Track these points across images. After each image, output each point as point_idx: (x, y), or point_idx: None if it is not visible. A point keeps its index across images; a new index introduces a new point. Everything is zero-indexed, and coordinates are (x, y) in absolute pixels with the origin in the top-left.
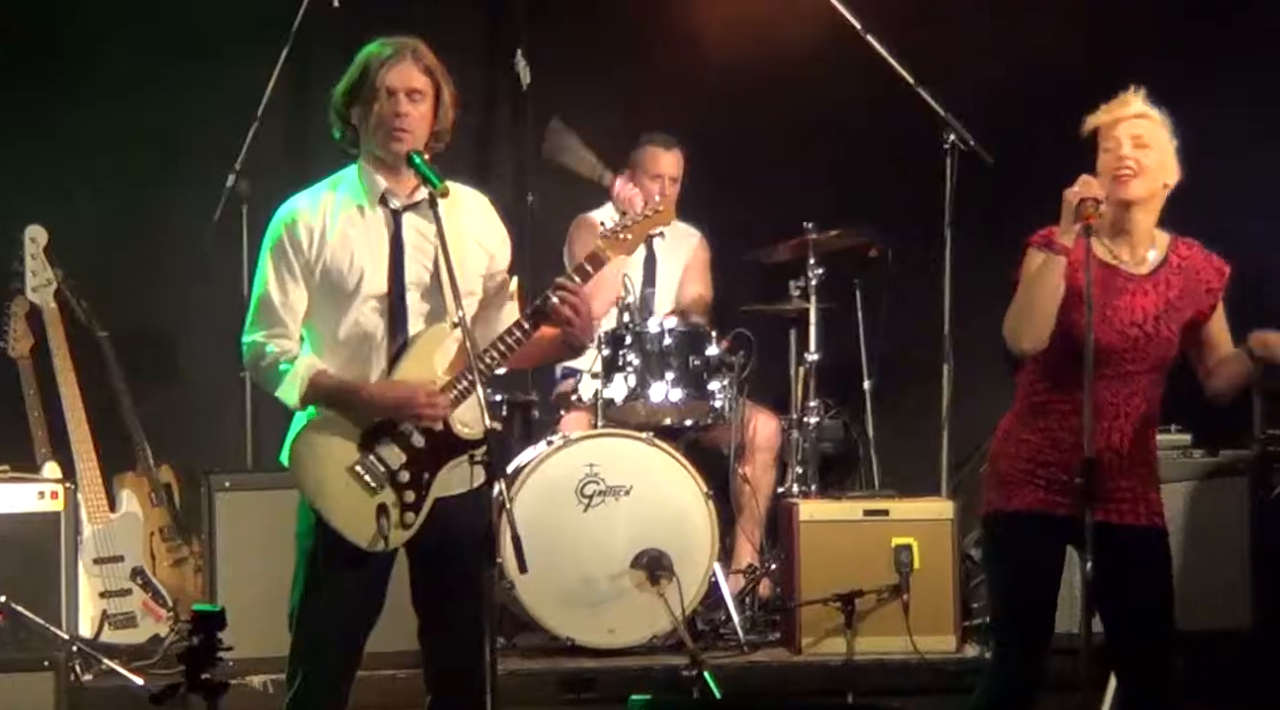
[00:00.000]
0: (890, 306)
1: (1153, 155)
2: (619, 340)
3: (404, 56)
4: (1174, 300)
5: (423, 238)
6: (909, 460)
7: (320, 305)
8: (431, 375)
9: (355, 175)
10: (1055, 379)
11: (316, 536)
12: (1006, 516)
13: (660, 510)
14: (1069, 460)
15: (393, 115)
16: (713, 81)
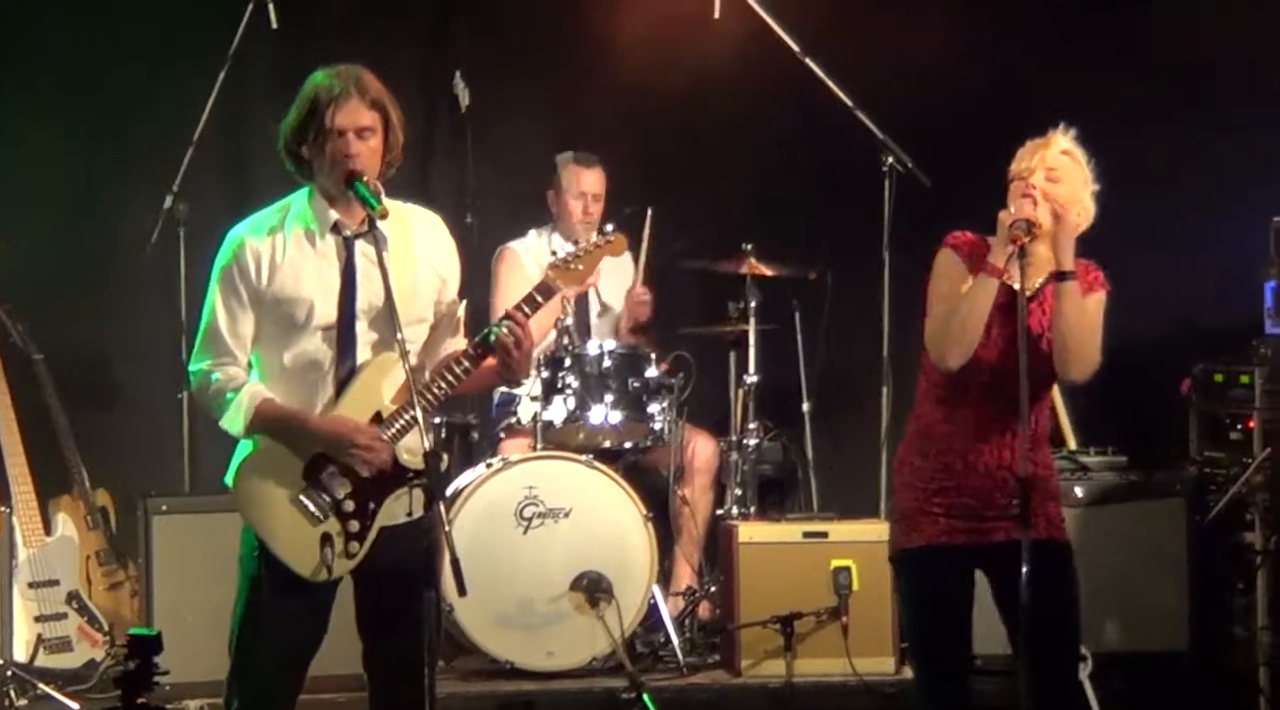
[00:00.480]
0: (829, 328)
1: (1060, 190)
2: (558, 363)
3: (350, 94)
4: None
5: (373, 265)
6: (848, 482)
7: (268, 332)
8: (378, 404)
9: (305, 203)
10: (941, 402)
11: (259, 561)
12: (908, 554)
13: (599, 532)
14: (962, 484)
15: (344, 156)
16: (653, 104)
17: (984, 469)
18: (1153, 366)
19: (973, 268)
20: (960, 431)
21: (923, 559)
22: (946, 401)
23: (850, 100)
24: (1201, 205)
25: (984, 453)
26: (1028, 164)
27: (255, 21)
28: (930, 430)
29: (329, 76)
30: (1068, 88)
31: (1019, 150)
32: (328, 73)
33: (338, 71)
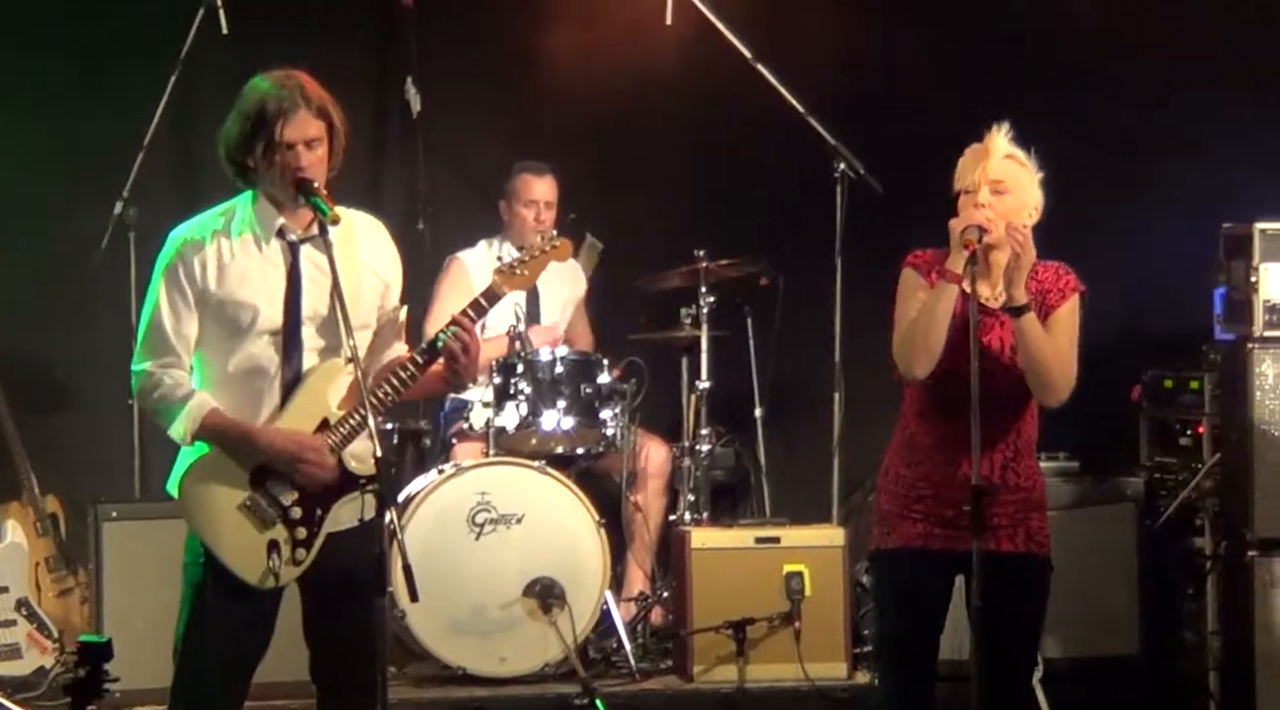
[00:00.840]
0: (781, 334)
1: (1009, 201)
2: (510, 369)
3: (298, 105)
4: None
5: (319, 271)
6: (800, 487)
7: (212, 336)
8: (325, 411)
9: (249, 208)
10: (921, 413)
11: (204, 568)
12: (887, 553)
13: (552, 538)
14: (942, 493)
15: (295, 168)
16: (605, 109)
17: (963, 481)
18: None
19: (930, 281)
20: (941, 443)
21: (899, 559)
22: (928, 415)
23: (802, 106)
24: (1152, 211)
25: (963, 465)
26: (973, 178)
27: (206, 26)
28: (914, 441)
29: (273, 86)
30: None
31: (961, 161)
32: (270, 81)
33: (281, 80)
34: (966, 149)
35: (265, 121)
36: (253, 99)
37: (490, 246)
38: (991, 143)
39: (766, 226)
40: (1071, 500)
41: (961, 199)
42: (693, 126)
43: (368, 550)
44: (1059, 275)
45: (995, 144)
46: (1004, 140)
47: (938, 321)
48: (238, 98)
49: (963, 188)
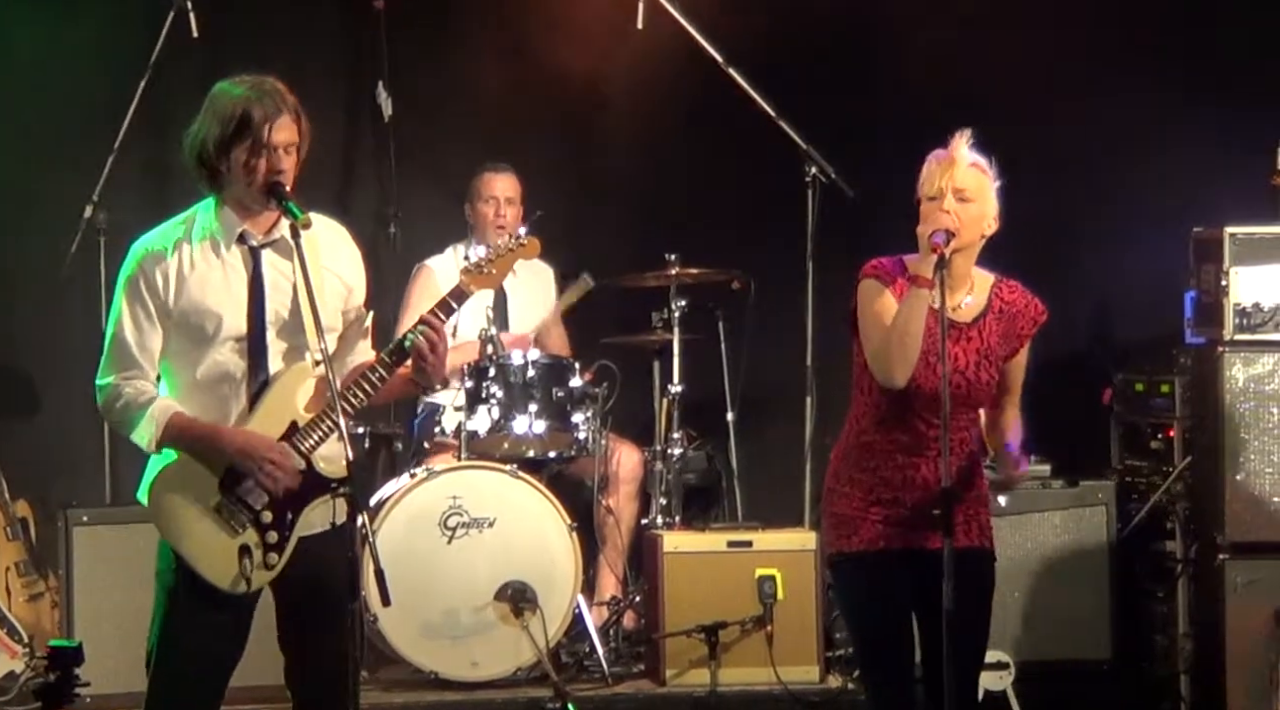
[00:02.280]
0: (753, 338)
1: (973, 209)
2: (482, 372)
3: (281, 109)
4: (994, 346)
5: (281, 275)
6: (772, 491)
7: (177, 346)
8: (293, 414)
9: (211, 214)
10: (880, 419)
11: (176, 575)
12: (850, 557)
13: (524, 542)
14: (901, 496)
15: (275, 171)
16: (576, 113)
17: (921, 483)
18: (1075, 376)
19: (892, 289)
20: (899, 448)
21: (864, 562)
22: (886, 420)
23: (773, 110)
24: (1121, 215)
25: (921, 467)
26: (939, 185)
27: (176, 30)
28: (870, 447)
29: (255, 90)
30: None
31: (926, 168)
32: (249, 86)
33: (260, 85)
34: (930, 156)
35: (250, 125)
36: (230, 102)
37: (457, 252)
38: (956, 151)
39: (738, 230)
40: (1044, 504)
41: (926, 205)
42: (665, 129)
43: (339, 554)
44: (1028, 300)
45: (960, 152)
46: (967, 148)
47: (914, 329)
48: (207, 101)
49: (927, 195)
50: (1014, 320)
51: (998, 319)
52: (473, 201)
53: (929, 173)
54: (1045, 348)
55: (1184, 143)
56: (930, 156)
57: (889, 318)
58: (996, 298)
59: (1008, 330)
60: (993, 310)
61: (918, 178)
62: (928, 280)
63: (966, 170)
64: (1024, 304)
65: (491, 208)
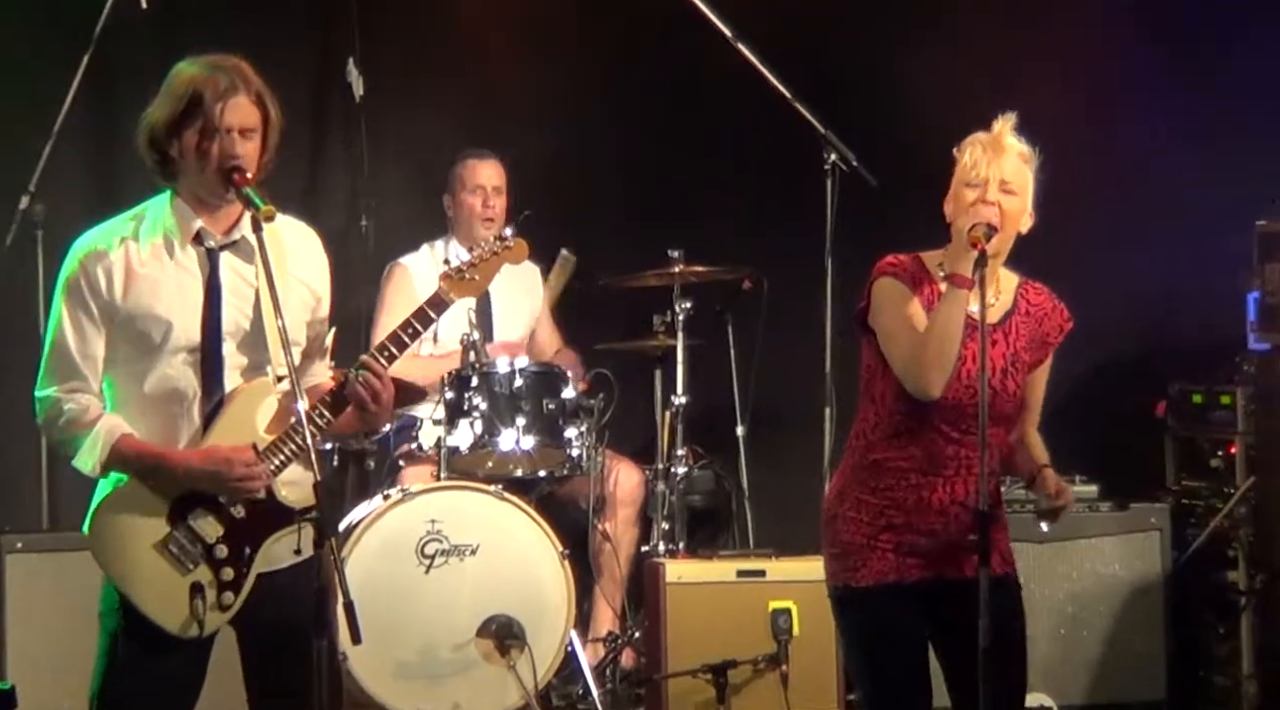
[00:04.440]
0: (766, 343)
1: (1016, 203)
2: (464, 382)
3: (237, 89)
4: (1019, 351)
5: (242, 281)
6: (787, 515)
7: (123, 355)
8: (252, 436)
9: (165, 210)
10: (893, 433)
11: (120, 617)
12: (857, 592)
13: (510, 572)
14: (915, 520)
15: (230, 157)
16: (567, 94)
17: (938, 505)
18: (1124, 386)
19: (915, 290)
20: (915, 466)
21: (874, 598)
22: (901, 435)
23: (789, 90)
24: (1175, 206)
25: (938, 488)
26: (983, 173)
27: (122, 1)
28: (881, 464)
29: (210, 68)
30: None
31: (967, 149)
32: (205, 64)
33: (217, 63)
34: (973, 138)
35: (201, 104)
36: (184, 80)
37: (434, 249)
38: (1004, 137)
39: (749, 224)
40: (1091, 529)
41: (964, 192)
42: (666, 112)
43: (304, 588)
44: (1055, 305)
45: (1007, 139)
46: (1015, 137)
47: (952, 333)
48: (164, 82)
49: (968, 181)
50: (1039, 325)
51: (1024, 321)
52: (454, 192)
53: (973, 158)
54: (1090, 354)
55: (1246, 125)
56: (972, 139)
57: (918, 321)
58: (1022, 299)
59: (1034, 334)
60: (1019, 311)
61: (950, 163)
62: (968, 279)
63: (1014, 158)
64: (1051, 308)
65: (478, 198)
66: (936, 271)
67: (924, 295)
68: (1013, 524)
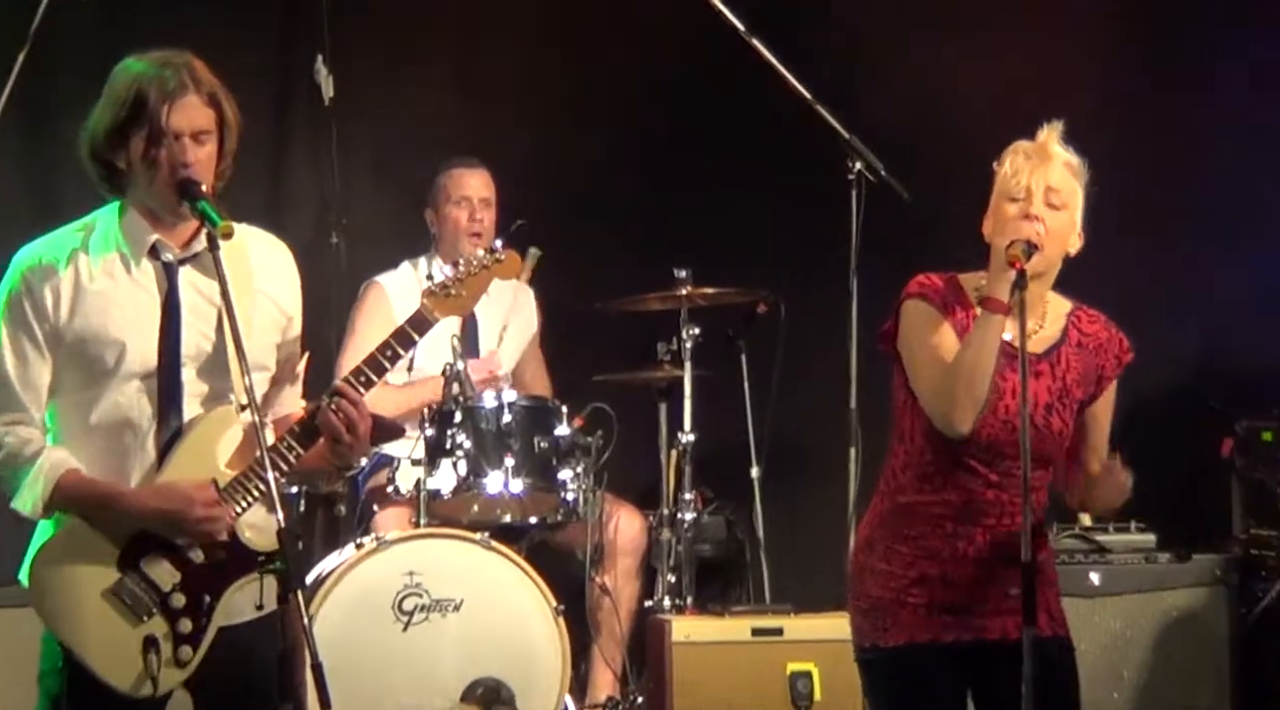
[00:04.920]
0: (783, 375)
1: (1063, 218)
2: (446, 417)
3: (186, 88)
4: (1069, 385)
5: (202, 298)
6: (807, 566)
7: (70, 382)
8: (213, 471)
9: (115, 221)
10: (926, 478)
11: (64, 676)
12: (886, 654)
13: (498, 630)
14: (950, 572)
15: (181, 164)
16: (561, 97)
17: (975, 555)
18: (1186, 423)
19: (947, 314)
20: (949, 512)
21: (906, 660)
22: (933, 477)
23: (809, 91)
24: (1242, 218)
25: (975, 536)
26: (1026, 183)
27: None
28: (912, 510)
29: (155, 66)
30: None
31: (1008, 158)
32: (150, 61)
33: (164, 60)
34: (1016, 146)
35: (145, 107)
36: (128, 80)
37: (416, 267)
38: (1050, 145)
39: (764, 240)
40: (1148, 583)
41: (1004, 206)
42: (672, 115)
43: (267, 648)
44: (1111, 334)
45: (1053, 148)
46: (1063, 146)
47: (985, 362)
48: (107, 83)
49: (1009, 194)
50: (1094, 356)
51: (1076, 353)
52: (438, 205)
53: (1015, 167)
54: (1147, 387)
55: None
56: (1014, 147)
57: (948, 350)
58: (1074, 328)
59: (1087, 368)
60: (1069, 341)
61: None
62: (1003, 303)
63: (1060, 169)
64: (1107, 337)
65: (464, 211)
66: (973, 294)
67: (957, 320)
68: (1062, 576)
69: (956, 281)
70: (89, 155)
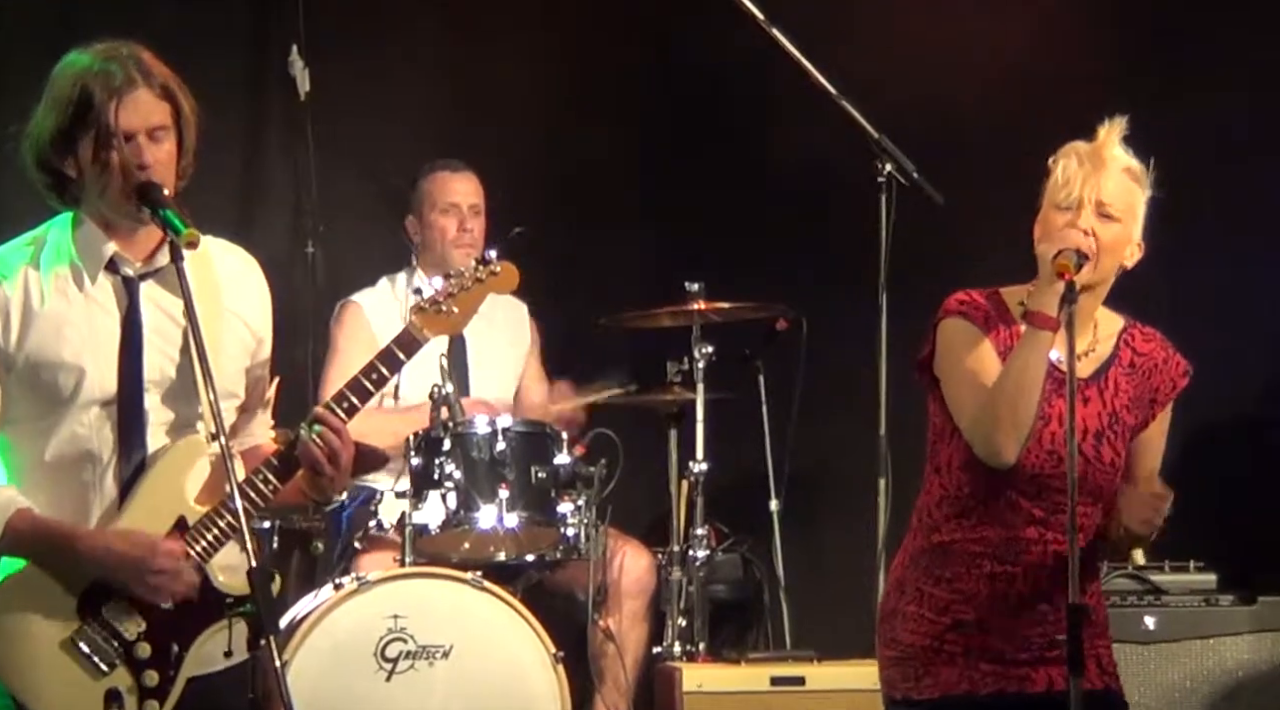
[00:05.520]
0: (805, 397)
1: (1116, 230)
2: (434, 445)
3: (135, 82)
4: (1120, 411)
5: (166, 317)
6: (832, 609)
7: (21, 412)
8: (180, 507)
9: (69, 233)
10: (964, 513)
11: None
12: (920, 707)
13: (491, 678)
14: (989, 620)
15: (135, 168)
16: (560, 94)
17: (1017, 600)
18: (1247, 450)
19: (989, 333)
20: (989, 551)
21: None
22: (971, 513)
23: (834, 87)
24: None
25: (1018, 579)
26: (1077, 193)
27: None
28: (948, 549)
29: (99, 59)
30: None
31: (1062, 164)
32: (94, 54)
33: (108, 52)
34: (1070, 147)
35: (92, 106)
36: (70, 78)
37: (394, 284)
38: (1106, 148)
39: (784, 251)
40: (1208, 628)
41: (1053, 215)
42: (683, 114)
43: (237, 700)
44: (1168, 354)
45: (1111, 151)
46: (1122, 149)
47: (1028, 384)
48: (48, 83)
49: (1058, 202)
50: (1148, 378)
51: (1128, 375)
52: (422, 212)
53: (1066, 173)
54: (1205, 414)
55: None
56: (1068, 149)
57: (989, 372)
58: (1126, 347)
59: (1139, 392)
60: (1120, 362)
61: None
62: (1052, 319)
63: (1117, 177)
64: (1163, 358)
65: (452, 219)
66: (1017, 310)
67: (1000, 339)
68: (1114, 621)
69: (999, 297)
70: (34, 163)
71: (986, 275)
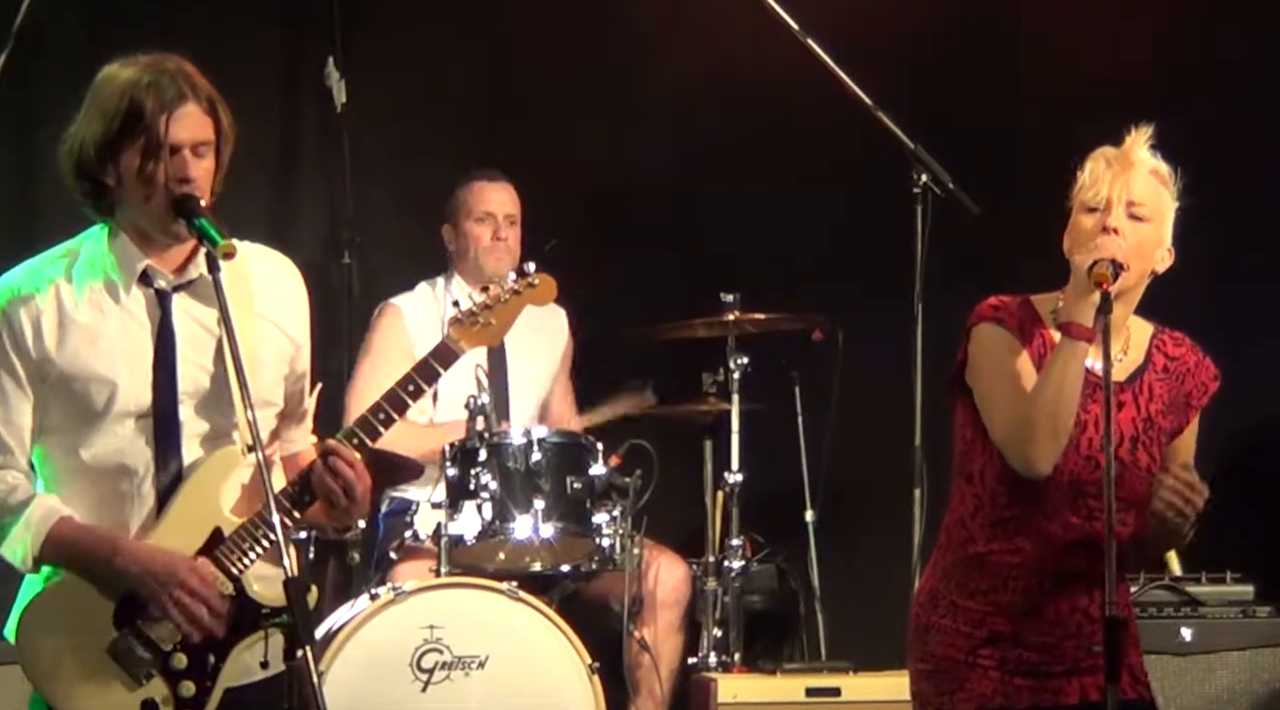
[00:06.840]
0: (841, 408)
1: (1146, 232)
2: (470, 456)
3: (185, 97)
4: (1155, 415)
5: (200, 328)
6: (867, 620)
7: (57, 423)
8: (216, 519)
9: (103, 245)
10: (999, 524)
11: None
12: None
13: (526, 689)
14: (1024, 632)
15: (178, 181)
16: (595, 104)
17: (1053, 613)
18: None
19: (1024, 341)
20: (1025, 563)
21: None
22: (1006, 523)
23: (869, 97)
24: None
25: (1054, 591)
26: (1105, 193)
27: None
28: (983, 561)
29: (149, 73)
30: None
31: (1090, 167)
32: (142, 66)
33: (157, 66)
34: (1097, 152)
35: (142, 118)
36: (116, 90)
37: (434, 288)
38: (1134, 151)
39: (819, 261)
40: (1245, 639)
41: (1083, 219)
42: (718, 123)
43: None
44: (1199, 358)
45: (1139, 153)
46: (1149, 152)
47: (1066, 393)
48: (90, 92)
49: (1087, 203)
50: (1181, 383)
51: (1161, 379)
52: (458, 221)
53: (1094, 175)
54: (1241, 421)
55: None
56: (1096, 153)
57: (1026, 380)
58: (1158, 352)
59: (1173, 396)
60: (1154, 367)
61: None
62: (1088, 329)
63: (1145, 177)
64: (1195, 362)
65: (488, 228)
66: (1050, 318)
67: (1034, 347)
68: (1145, 632)
69: (1030, 304)
70: (74, 171)
71: (1022, 285)
